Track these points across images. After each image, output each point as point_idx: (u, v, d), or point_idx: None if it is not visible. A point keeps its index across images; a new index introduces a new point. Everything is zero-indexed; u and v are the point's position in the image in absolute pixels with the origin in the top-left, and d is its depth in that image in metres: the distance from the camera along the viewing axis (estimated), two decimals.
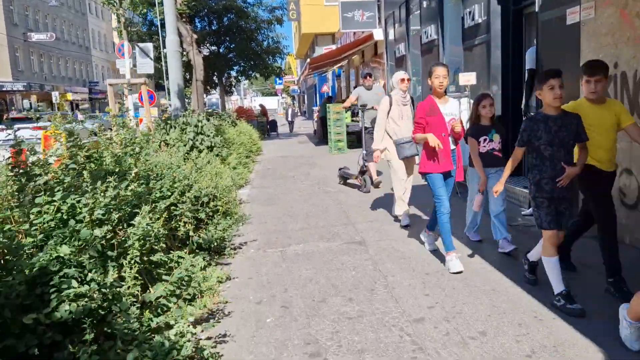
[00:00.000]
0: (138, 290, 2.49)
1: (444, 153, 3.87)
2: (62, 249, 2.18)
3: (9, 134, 4.56)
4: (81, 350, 1.95)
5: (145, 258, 2.81)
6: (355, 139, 13.89)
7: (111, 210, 2.69)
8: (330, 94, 23.29)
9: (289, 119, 25.40)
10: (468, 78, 6.68)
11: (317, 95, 33.17)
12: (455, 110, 4.02)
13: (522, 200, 5.68)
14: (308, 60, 16.79)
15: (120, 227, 2.73)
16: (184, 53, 13.85)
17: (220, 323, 3.12)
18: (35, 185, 2.78)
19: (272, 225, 5.65)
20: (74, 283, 2.04)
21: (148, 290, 2.74)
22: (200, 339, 2.77)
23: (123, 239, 2.74)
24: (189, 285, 2.87)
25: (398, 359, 2.61)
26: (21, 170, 2.85)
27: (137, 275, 2.52)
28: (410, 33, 10.95)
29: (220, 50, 19.77)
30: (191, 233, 3.97)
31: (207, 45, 19.39)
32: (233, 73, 21.45)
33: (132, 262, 2.52)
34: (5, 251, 2.06)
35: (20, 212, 2.49)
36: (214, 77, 20.82)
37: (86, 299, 2.02)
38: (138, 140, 5.66)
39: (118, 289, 2.22)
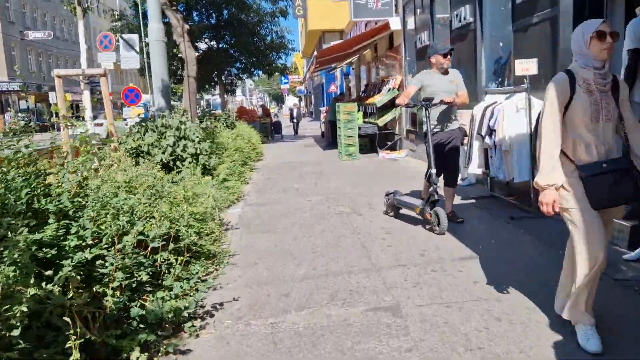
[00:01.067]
0: None
1: None
2: None
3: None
4: None
5: None
6: (369, 143, 12.31)
7: None
8: (339, 92, 21.66)
9: (294, 119, 23.73)
10: (527, 66, 5.05)
11: (325, 95, 31.55)
12: None
13: (617, 236, 4.01)
14: (315, 53, 15.19)
15: None
16: (176, 45, 12.30)
17: None
18: None
19: (264, 269, 4.03)
20: None
21: None
22: None
23: None
24: None
25: None
26: None
27: None
28: (435, 19, 9.30)
29: (220, 46, 18.22)
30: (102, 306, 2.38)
31: (206, 40, 17.85)
32: (234, 70, 19.87)
33: None
34: None
35: None
36: (214, 75, 19.27)
37: None
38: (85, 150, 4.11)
39: None
